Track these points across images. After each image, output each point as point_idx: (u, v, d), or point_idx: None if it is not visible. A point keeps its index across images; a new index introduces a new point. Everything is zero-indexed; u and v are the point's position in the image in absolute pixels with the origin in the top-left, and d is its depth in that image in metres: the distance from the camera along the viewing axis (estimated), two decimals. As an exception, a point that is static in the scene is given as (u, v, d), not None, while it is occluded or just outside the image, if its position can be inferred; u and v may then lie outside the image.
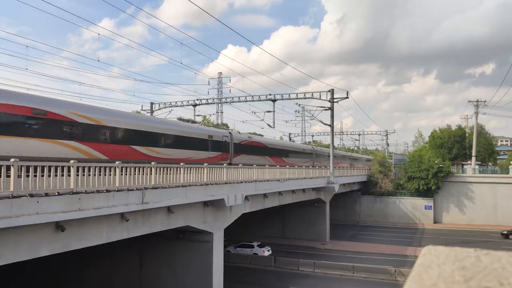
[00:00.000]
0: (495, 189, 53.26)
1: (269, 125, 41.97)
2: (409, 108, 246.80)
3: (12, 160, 11.63)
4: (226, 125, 69.62)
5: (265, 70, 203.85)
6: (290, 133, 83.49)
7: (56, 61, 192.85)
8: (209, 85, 63.14)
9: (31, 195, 11.85)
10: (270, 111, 41.26)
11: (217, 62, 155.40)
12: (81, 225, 14.20)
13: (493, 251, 1.00)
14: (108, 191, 14.58)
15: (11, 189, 11.38)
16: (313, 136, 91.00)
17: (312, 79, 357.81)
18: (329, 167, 41.11)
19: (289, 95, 40.21)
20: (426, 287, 0.90)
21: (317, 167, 41.49)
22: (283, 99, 40.35)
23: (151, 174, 16.89)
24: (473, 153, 61.21)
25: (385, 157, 69.37)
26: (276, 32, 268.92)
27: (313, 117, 43.29)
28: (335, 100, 39.62)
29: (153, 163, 17.29)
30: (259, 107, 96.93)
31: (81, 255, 19.38)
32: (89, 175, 13.93)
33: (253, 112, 43.01)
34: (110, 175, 14.74)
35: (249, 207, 26.79)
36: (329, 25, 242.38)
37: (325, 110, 40.39)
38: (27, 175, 11.84)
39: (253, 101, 41.75)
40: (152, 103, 45.15)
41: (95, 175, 14.16)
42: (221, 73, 68.54)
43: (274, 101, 40.13)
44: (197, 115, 48.08)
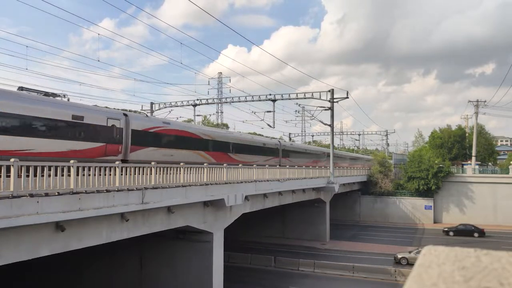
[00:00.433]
0: (495, 189, 53.26)
1: (269, 125, 42.05)
2: (409, 108, 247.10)
3: (12, 160, 11.63)
4: (226, 125, 69.66)
5: (265, 70, 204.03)
6: (290, 133, 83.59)
7: (56, 61, 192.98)
8: (209, 85, 63.24)
9: (31, 195, 11.85)
10: (270, 111, 41.31)
11: (217, 62, 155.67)
12: (81, 225, 14.20)
13: (493, 251, 1.00)
14: (108, 191, 14.58)
15: (11, 189, 11.38)
16: (313, 136, 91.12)
17: (312, 79, 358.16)
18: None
19: (289, 95, 40.21)
20: (426, 287, 0.90)
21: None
22: (283, 99, 40.36)
23: (151, 174, 16.88)
24: (473, 153, 61.20)
25: (385, 157, 69.37)
26: (276, 32, 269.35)
27: (313, 117, 43.34)
28: (335, 100, 39.63)
29: (153, 163, 17.29)
30: (259, 107, 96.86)
31: (81, 255, 19.37)
32: (89, 175, 13.93)
33: (253, 112, 43.11)
34: (110, 175, 14.73)
35: (249, 207, 26.79)
36: (330, 25, 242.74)
37: (325, 110, 40.40)
38: (27, 175, 11.84)
39: (253, 101, 41.77)
40: (152, 103, 45.19)
41: (95, 175, 14.16)
42: (221, 73, 68.61)
43: (274, 101, 40.14)
44: (197, 115, 48.16)
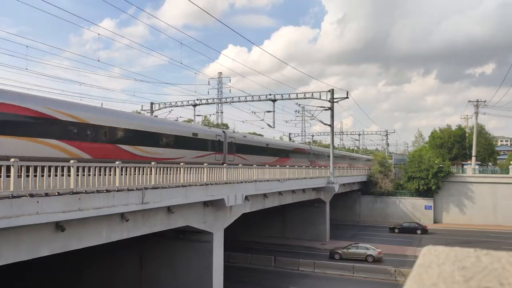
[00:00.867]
0: (495, 189, 53.26)
1: (269, 125, 42.05)
2: (409, 108, 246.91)
3: (12, 160, 11.63)
4: (226, 125, 69.59)
5: (265, 70, 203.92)
6: (290, 133, 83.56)
7: (56, 61, 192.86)
8: (209, 85, 63.19)
9: (31, 195, 11.85)
10: (270, 111, 41.31)
11: (217, 62, 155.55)
12: (81, 225, 14.20)
13: (493, 251, 1.00)
14: (108, 191, 14.57)
15: (11, 189, 11.38)
16: (313, 136, 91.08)
17: (312, 79, 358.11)
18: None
19: (289, 95, 40.21)
20: (426, 287, 0.90)
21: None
22: (283, 99, 40.36)
23: (151, 174, 16.88)
24: (473, 153, 61.19)
25: (385, 157, 69.37)
26: (276, 32, 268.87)
27: (313, 117, 43.34)
28: (335, 100, 39.64)
29: (153, 163, 17.30)
30: (259, 107, 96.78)
31: (81, 255, 19.37)
32: (89, 175, 13.93)
33: (253, 112, 43.09)
34: (110, 175, 14.73)
35: (249, 207, 26.79)
36: (330, 25, 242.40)
37: (325, 110, 40.40)
38: (27, 175, 11.84)
39: (253, 101, 41.77)
40: (152, 103, 45.19)
41: (95, 175, 14.16)
42: (221, 73, 68.55)
43: (274, 101, 40.14)
44: (197, 115, 48.16)
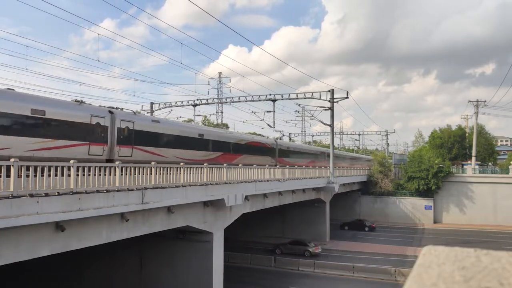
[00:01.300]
0: (495, 189, 53.24)
1: (269, 125, 42.06)
2: (409, 108, 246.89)
3: (12, 160, 11.63)
4: (226, 125, 69.55)
5: (265, 70, 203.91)
6: (290, 133, 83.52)
7: (56, 61, 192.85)
8: (209, 85, 63.21)
9: (31, 195, 11.85)
10: (270, 111, 41.30)
11: (217, 62, 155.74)
12: (81, 225, 14.19)
13: (493, 251, 1.00)
14: (108, 191, 14.57)
15: (11, 189, 11.38)
16: (313, 136, 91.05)
17: (312, 79, 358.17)
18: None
19: (289, 95, 40.21)
20: (426, 287, 0.90)
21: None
22: (283, 99, 40.35)
23: (151, 174, 16.87)
24: (473, 153, 61.19)
25: (385, 157, 69.35)
26: (277, 32, 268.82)
27: (313, 117, 43.34)
28: (335, 100, 39.64)
29: (153, 163, 17.30)
30: (259, 107, 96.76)
31: (81, 255, 19.37)
32: (89, 175, 13.92)
33: (253, 112, 43.08)
34: (110, 175, 14.73)
35: (249, 207, 26.78)
36: (330, 26, 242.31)
37: (325, 110, 40.40)
38: (27, 175, 11.84)
39: (253, 101, 41.76)
40: (152, 103, 45.18)
41: (95, 175, 14.16)
42: (221, 73, 68.58)
43: (274, 101, 40.14)
44: (197, 115, 48.14)
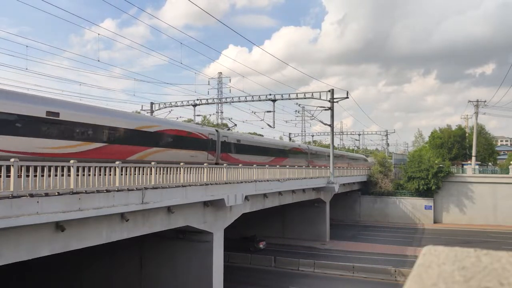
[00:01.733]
0: (495, 189, 53.23)
1: (269, 125, 42.02)
2: (409, 108, 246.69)
3: (12, 160, 11.63)
4: (226, 125, 69.54)
5: (265, 70, 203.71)
6: (290, 133, 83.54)
7: (57, 61, 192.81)
8: (209, 85, 63.25)
9: (31, 195, 11.85)
10: (270, 111, 41.28)
11: (217, 62, 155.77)
12: (81, 225, 14.19)
13: (493, 251, 1.00)
14: (108, 191, 14.57)
15: (11, 189, 11.38)
16: (313, 136, 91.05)
17: (312, 79, 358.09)
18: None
19: (289, 95, 40.19)
20: (426, 287, 0.90)
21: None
22: (283, 99, 40.34)
23: (151, 174, 16.88)
24: (473, 153, 61.18)
25: (385, 157, 69.36)
26: (277, 32, 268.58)
27: (313, 117, 43.34)
28: (335, 100, 39.64)
29: (153, 163, 17.30)
30: (259, 107, 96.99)
31: (81, 255, 19.37)
32: (89, 175, 13.92)
33: (253, 112, 43.08)
34: (110, 175, 14.73)
35: (249, 207, 26.79)
36: (330, 26, 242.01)
37: (325, 110, 40.40)
38: (27, 175, 11.84)
39: (253, 101, 41.75)
40: (152, 103, 45.17)
41: (95, 175, 14.15)
42: (221, 73, 68.62)
43: (274, 101, 40.13)
44: (197, 115, 48.12)
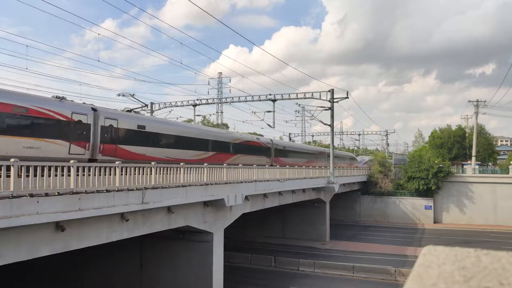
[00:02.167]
0: (495, 189, 53.22)
1: (269, 125, 42.07)
2: (409, 108, 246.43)
3: (12, 160, 11.63)
4: (226, 125, 69.57)
5: (266, 70, 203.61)
6: (290, 133, 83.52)
7: (57, 61, 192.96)
8: (209, 85, 63.25)
9: (31, 195, 11.85)
10: (270, 111, 41.32)
11: (218, 62, 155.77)
12: (81, 225, 14.20)
13: (493, 251, 1.00)
14: (108, 191, 14.57)
15: (11, 189, 11.38)
16: (313, 136, 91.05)
17: (312, 80, 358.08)
18: (328, 167, 41.12)
19: (289, 95, 40.20)
20: (426, 287, 0.90)
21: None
22: (283, 99, 40.35)
23: (151, 174, 16.88)
24: (473, 153, 61.18)
25: (385, 157, 69.39)
26: (277, 32, 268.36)
27: (313, 117, 43.36)
28: (335, 100, 39.65)
29: (153, 163, 17.30)
30: (259, 107, 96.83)
31: (81, 255, 19.37)
32: (89, 175, 13.92)
33: (253, 112, 43.15)
34: (110, 175, 14.73)
35: (249, 207, 26.78)
36: (330, 26, 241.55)
37: (325, 110, 40.41)
38: (27, 175, 11.83)
39: (253, 101, 41.77)
40: (152, 103, 45.18)
41: (95, 175, 14.16)
42: (221, 73, 68.55)
43: (274, 101, 40.14)
44: (197, 115, 48.17)
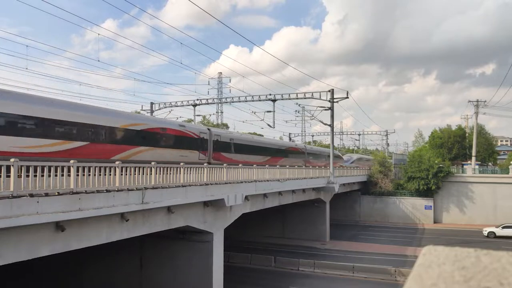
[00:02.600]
0: (495, 189, 53.22)
1: (269, 125, 42.05)
2: (409, 108, 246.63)
3: (12, 160, 11.62)
4: (226, 125, 69.57)
5: (266, 70, 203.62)
6: (290, 133, 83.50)
7: (57, 61, 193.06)
8: (209, 85, 63.28)
9: (31, 195, 11.84)
10: (270, 111, 41.31)
11: (218, 62, 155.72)
12: (81, 225, 14.19)
13: (493, 251, 1.00)
14: (108, 191, 14.57)
15: (11, 189, 11.37)
16: (313, 136, 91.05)
17: (313, 80, 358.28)
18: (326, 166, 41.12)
19: (289, 95, 40.20)
20: (426, 287, 0.90)
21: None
22: (283, 99, 40.35)
23: (151, 174, 16.87)
24: (473, 153, 61.18)
25: (385, 157, 69.40)
26: (278, 32, 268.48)
27: (313, 117, 43.34)
28: (335, 100, 39.64)
29: (153, 163, 17.30)
30: (259, 107, 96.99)
31: (82, 255, 19.37)
32: (89, 175, 13.92)
33: (253, 112, 43.12)
34: (110, 175, 14.72)
35: (249, 207, 26.78)
36: (331, 26, 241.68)
37: (325, 110, 40.41)
38: (27, 175, 11.83)
39: (253, 101, 41.77)
40: (152, 103, 45.20)
41: (95, 175, 14.15)
42: (221, 73, 68.63)
43: (274, 101, 40.14)
44: (197, 115, 48.16)
